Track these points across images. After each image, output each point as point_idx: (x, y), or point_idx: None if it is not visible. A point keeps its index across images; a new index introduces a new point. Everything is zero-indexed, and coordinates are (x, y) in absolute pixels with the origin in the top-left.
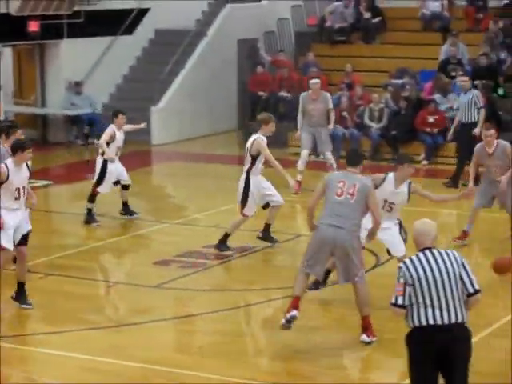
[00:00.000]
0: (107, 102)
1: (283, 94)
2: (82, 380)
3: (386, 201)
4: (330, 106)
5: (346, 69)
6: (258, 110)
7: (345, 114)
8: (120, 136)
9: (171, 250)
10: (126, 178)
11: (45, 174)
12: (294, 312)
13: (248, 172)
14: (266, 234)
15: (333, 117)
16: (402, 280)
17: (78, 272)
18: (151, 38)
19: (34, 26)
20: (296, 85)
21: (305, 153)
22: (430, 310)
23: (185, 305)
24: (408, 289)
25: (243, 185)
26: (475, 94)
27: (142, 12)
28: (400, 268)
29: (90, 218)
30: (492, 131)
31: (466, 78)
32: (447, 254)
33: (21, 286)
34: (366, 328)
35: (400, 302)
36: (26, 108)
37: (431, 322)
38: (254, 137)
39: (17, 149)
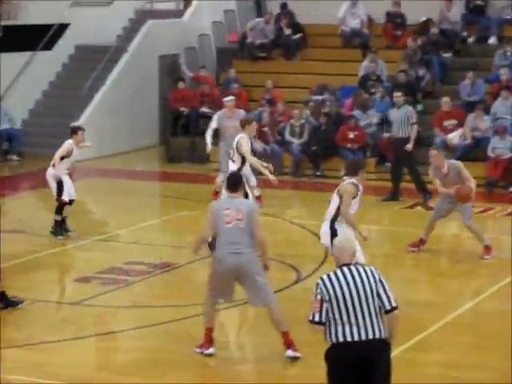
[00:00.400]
0: (27, 118)
1: (205, 109)
2: None
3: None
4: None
5: (266, 85)
6: (179, 125)
7: (266, 129)
8: (76, 152)
9: (92, 266)
10: (72, 194)
11: None
12: (211, 350)
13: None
14: None
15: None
16: (318, 296)
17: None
18: (71, 54)
19: None
20: (217, 101)
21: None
22: (347, 327)
23: (106, 322)
24: (325, 305)
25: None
26: (409, 110)
27: (62, 27)
28: (317, 284)
29: (57, 229)
30: (433, 152)
31: (400, 94)
32: (365, 271)
33: None
34: (289, 343)
35: (317, 318)
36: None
37: (349, 338)
38: (238, 136)
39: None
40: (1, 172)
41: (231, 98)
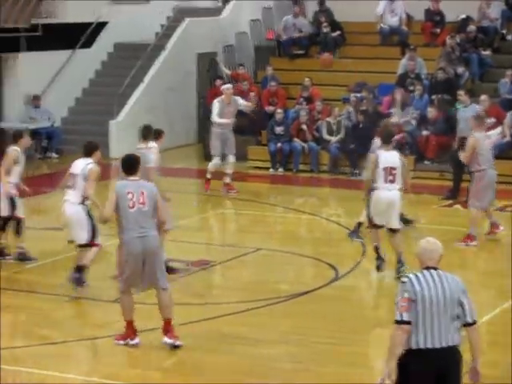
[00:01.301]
0: (66, 116)
1: (242, 107)
2: None
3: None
4: (241, 105)
5: (304, 82)
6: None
7: (303, 127)
8: (22, 158)
9: None
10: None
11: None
12: (137, 340)
13: None
14: None
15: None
16: (406, 295)
17: (36, 286)
18: (110, 52)
19: None
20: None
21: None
22: (428, 333)
23: (143, 319)
24: (413, 305)
25: None
26: (476, 109)
27: (101, 25)
28: (404, 283)
29: None
30: None
31: (462, 92)
32: (449, 278)
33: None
34: (168, 330)
35: (406, 317)
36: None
37: (429, 345)
38: None
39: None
40: (40, 169)
41: (230, 85)
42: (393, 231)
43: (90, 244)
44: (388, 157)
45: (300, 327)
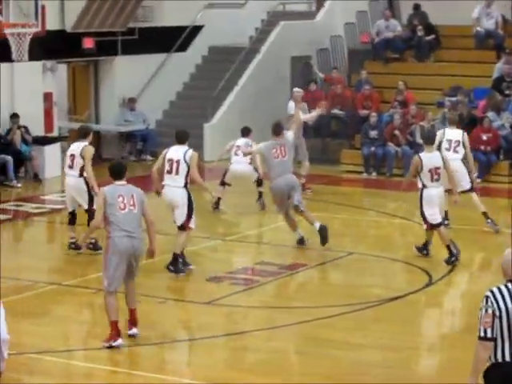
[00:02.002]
0: (161, 119)
1: (336, 111)
2: None
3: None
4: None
5: (398, 86)
6: (310, 127)
7: (397, 132)
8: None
9: (224, 266)
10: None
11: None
12: (120, 341)
13: None
14: None
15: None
16: (490, 310)
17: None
18: (204, 55)
19: (88, 43)
20: (349, 102)
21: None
22: None
23: (236, 322)
24: (496, 320)
25: None
26: None
27: (196, 29)
28: (487, 297)
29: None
30: None
31: None
32: None
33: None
34: (135, 322)
35: (490, 334)
36: (80, 124)
37: None
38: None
39: None
40: (135, 172)
41: (300, 89)
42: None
43: (185, 227)
44: (432, 157)
45: (391, 332)
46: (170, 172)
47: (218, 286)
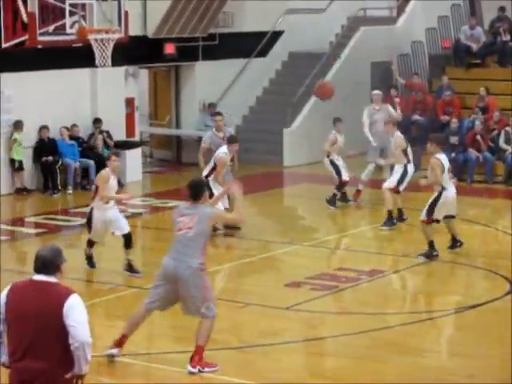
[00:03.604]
0: (240, 124)
1: (416, 117)
2: None
3: None
4: (394, 114)
5: (480, 92)
6: None
7: (478, 137)
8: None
9: (302, 271)
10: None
11: (177, 194)
12: (115, 351)
13: None
14: None
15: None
16: None
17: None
18: (285, 60)
19: (170, 49)
20: (430, 108)
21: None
22: None
23: (314, 327)
24: None
25: None
26: None
27: (277, 34)
28: None
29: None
30: None
31: None
32: None
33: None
34: (193, 358)
35: None
36: (161, 129)
37: None
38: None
39: None
40: None
41: (379, 92)
42: (453, 217)
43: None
44: (446, 158)
45: (472, 340)
46: None
47: (296, 292)
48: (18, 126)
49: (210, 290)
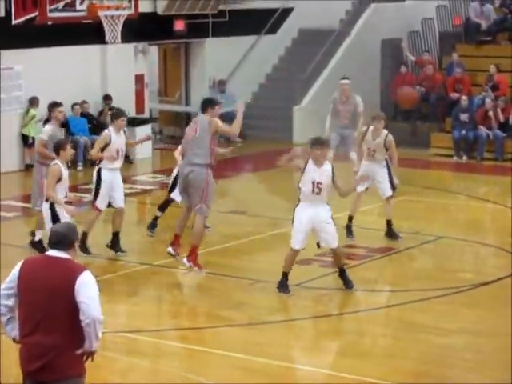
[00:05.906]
0: (250, 101)
1: (419, 88)
2: (225, 375)
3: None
4: (360, 109)
5: (490, 70)
6: (400, 109)
7: (490, 113)
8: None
9: (313, 249)
10: None
11: None
12: (170, 248)
13: None
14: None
15: (360, 121)
16: None
17: (221, 269)
18: (294, 38)
19: (179, 25)
20: (439, 85)
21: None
22: None
23: (325, 304)
24: None
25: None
26: None
27: (287, 11)
28: None
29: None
30: None
31: None
32: None
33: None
34: (190, 254)
35: None
36: (171, 106)
37: None
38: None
39: (113, 118)
40: (223, 154)
41: (347, 81)
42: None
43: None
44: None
45: (483, 317)
46: None
47: (307, 269)
48: (33, 101)
49: (208, 193)
